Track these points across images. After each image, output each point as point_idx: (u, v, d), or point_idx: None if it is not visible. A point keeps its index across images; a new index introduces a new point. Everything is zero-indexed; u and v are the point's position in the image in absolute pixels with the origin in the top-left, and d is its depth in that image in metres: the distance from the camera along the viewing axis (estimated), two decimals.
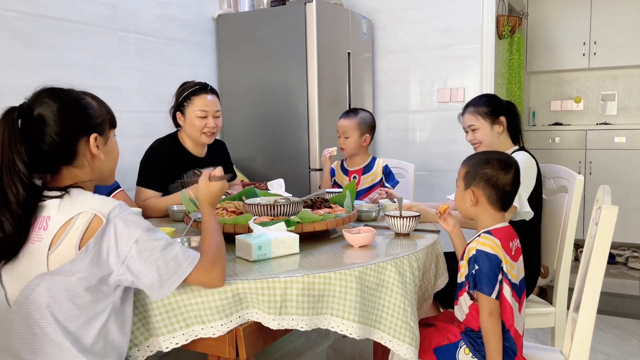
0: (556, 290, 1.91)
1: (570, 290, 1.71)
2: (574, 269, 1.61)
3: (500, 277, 1.41)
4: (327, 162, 2.59)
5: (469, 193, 1.50)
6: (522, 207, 1.83)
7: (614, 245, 4.39)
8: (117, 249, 1.09)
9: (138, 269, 1.10)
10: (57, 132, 1.13)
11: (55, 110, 1.13)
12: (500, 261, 1.41)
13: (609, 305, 3.29)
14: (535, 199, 1.91)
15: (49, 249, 1.07)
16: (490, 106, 2.07)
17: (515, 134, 2.11)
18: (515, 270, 1.46)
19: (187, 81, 2.30)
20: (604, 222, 1.37)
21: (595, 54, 4.76)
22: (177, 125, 2.29)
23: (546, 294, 3.36)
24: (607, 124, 4.82)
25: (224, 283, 1.21)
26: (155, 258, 1.12)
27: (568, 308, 1.64)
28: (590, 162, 4.57)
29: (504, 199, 1.50)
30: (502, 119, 2.05)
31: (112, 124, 1.29)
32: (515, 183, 1.51)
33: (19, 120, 1.11)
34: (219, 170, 1.44)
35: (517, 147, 2.08)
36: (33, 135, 1.12)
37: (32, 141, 1.12)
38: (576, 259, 3.79)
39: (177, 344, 1.23)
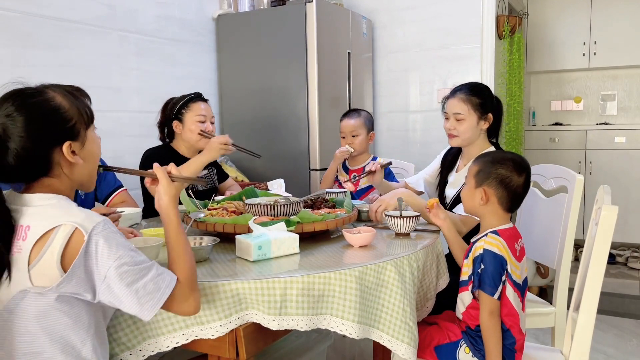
0: (556, 290, 1.91)
1: (570, 290, 1.71)
2: (574, 269, 1.61)
3: (504, 277, 1.42)
4: (338, 159, 2.51)
5: (480, 191, 1.50)
6: None
7: (614, 245, 4.39)
8: (97, 267, 1.00)
9: (117, 290, 1.01)
10: (24, 146, 1.02)
11: (21, 124, 1.02)
12: (506, 262, 1.42)
13: (609, 305, 3.29)
14: None
15: (29, 263, 0.99)
16: (482, 98, 1.95)
17: (494, 134, 2.04)
18: (519, 270, 1.47)
19: (172, 97, 2.34)
20: (604, 222, 1.37)
21: (595, 54, 4.76)
22: (169, 136, 2.35)
23: (546, 294, 3.36)
24: (607, 124, 4.82)
25: (199, 310, 1.13)
26: (134, 280, 1.02)
27: (568, 308, 1.64)
28: (590, 162, 4.57)
29: (513, 200, 1.50)
30: (490, 116, 1.97)
31: (89, 121, 1.13)
32: (526, 186, 1.51)
33: None
34: (174, 168, 1.23)
35: (492, 148, 1.99)
36: None
37: None
38: (576, 259, 3.79)
39: (177, 343, 1.23)
